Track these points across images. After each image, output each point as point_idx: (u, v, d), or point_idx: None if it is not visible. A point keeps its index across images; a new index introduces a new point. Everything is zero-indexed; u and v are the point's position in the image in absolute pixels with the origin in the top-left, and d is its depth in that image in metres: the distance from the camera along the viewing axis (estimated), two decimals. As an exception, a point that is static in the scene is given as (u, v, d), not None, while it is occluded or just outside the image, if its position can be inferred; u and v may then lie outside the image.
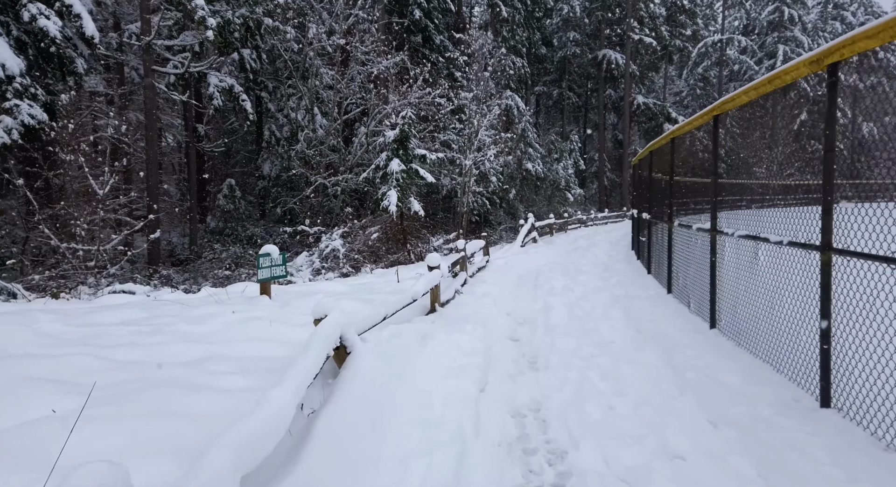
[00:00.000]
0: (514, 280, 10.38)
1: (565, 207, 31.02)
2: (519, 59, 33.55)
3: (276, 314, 5.66)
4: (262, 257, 6.22)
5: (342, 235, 16.29)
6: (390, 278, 12.15)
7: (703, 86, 46.96)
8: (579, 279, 10.26)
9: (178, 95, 18.12)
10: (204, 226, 22.99)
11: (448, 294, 7.71)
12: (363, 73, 21.98)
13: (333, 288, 8.24)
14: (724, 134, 6.18)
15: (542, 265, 12.50)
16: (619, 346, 5.92)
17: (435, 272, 6.76)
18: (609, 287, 9.25)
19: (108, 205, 13.68)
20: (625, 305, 7.74)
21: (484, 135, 19.51)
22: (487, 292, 8.61)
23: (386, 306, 5.43)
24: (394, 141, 15.58)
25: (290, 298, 6.74)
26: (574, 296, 8.51)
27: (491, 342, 6.03)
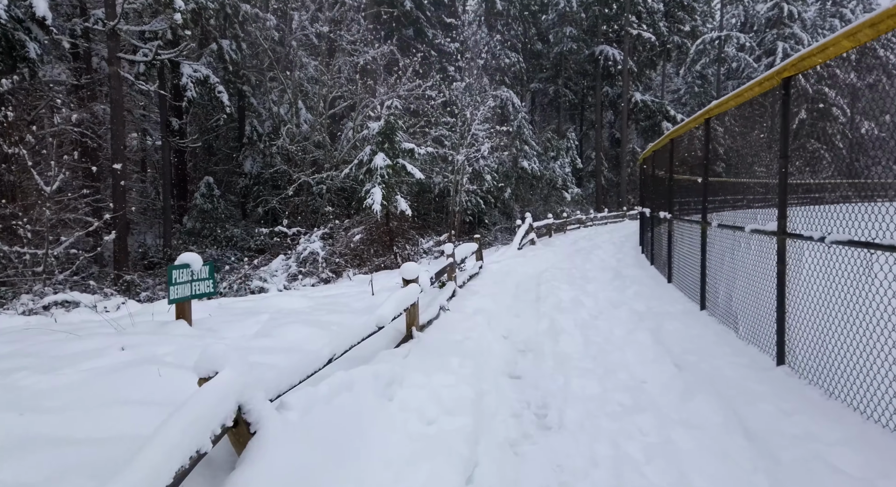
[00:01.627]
0: (512, 290, 8.72)
1: (562, 207, 29.40)
2: (514, 54, 31.95)
3: (186, 352, 3.99)
4: (177, 270, 4.55)
5: (322, 237, 14.61)
6: (376, 285, 10.50)
7: (701, 83, 45.49)
8: (588, 288, 8.60)
9: (146, 85, 16.39)
10: (180, 227, 21.25)
11: (431, 312, 6.05)
12: (350, 65, 20.29)
13: (290, 303, 6.57)
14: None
15: (543, 271, 10.85)
16: (657, 391, 4.28)
17: (411, 287, 5.10)
18: (626, 299, 7.60)
19: (59, 203, 11.96)
20: (651, 326, 6.09)
21: (477, 130, 17.86)
22: (480, 307, 6.95)
23: (342, 337, 3.78)
24: (378, 133, 13.91)
25: (222, 321, 5.07)
26: (586, 313, 6.85)
27: (484, 384, 4.37)
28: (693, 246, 7.23)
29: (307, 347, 4.38)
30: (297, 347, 4.33)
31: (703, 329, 5.88)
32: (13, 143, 11.63)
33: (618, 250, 14.31)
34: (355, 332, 3.98)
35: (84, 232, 12.45)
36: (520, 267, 11.42)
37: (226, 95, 18.59)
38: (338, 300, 7.25)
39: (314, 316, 5.58)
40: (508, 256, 13.02)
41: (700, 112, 6.68)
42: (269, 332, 4.64)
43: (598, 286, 8.82)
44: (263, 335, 4.59)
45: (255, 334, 4.65)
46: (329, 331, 4.86)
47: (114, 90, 15.93)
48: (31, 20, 13.63)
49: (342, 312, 5.89)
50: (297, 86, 20.61)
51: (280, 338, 4.52)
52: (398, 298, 4.69)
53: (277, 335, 4.59)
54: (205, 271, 4.82)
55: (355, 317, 5.30)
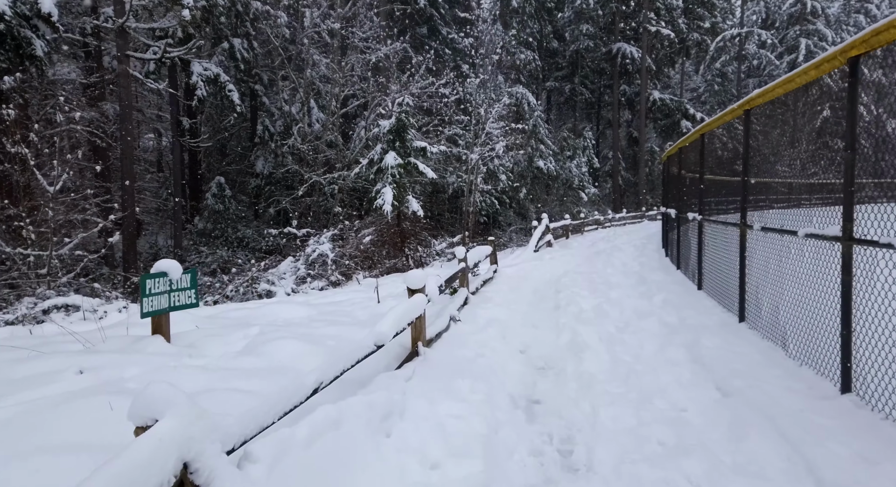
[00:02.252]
0: (529, 297, 8.08)
1: (578, 207, 28.63)
2: (530, 52, 31.23)
3: (155, 375, 3.43)
4: (151, 279, 3.99)
5: (332, 238, 14.07)
6: (384, 291, 9.93)
7: (720, 81, 44.36)
8: (611, 296, 7.94)
9: (154, 84, 16.01)
10: (192, 228, 20.89)
11: (440, 323, 5.44)
12: (362, 62, 19.76)
13: (289, 312, 6.00)
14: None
15: (562, 275, 10.19)
16: (702, 424, 3.63)
17: (416, 298, 4.49)
18: (654, 309, 6.92)
19: (65, 203, 11.56)
20: (686, 341, 5.42)
21: (492, 128, 17.22)
22: (494, 317, 6.33)
23: (334, 359, 3.20)
24: (389, 131, 13.34)
25: (206, 335, 4.50)
26: (612, 324, 6.19)
27: (498, 413, 3.75)
28: (729, 250, 6.53)
29: (298, 366, 3.80)
30: (285, 368, 3.75)
31: (745, 345, 5.19)
32: (16, 142, 11.23)
33: (640, 253, 13.59)
34: (349, 353, 3.39)
35: (88, 233, 12.06)
36: (537, 271, 10.77)
37: (236, 94, 18.17)
38: (341, 308, 6.67)
39: (311, 328, 5.00)
40: (524, 259, 12.37)
41: (740, 102, 6.00)
42: (256, 349, 4.07)
43: (622, 293, 8.15)
44: (249, 352, 4.02)
45: (240, 351, 4.09)
46: (324, 347, 4.28)
47: (123, 88, 15.57)
48: (38, 17, 13.27)
49: (342, 324, 5.30)
50: (308, 84, 20.13)
51: (267, 357, 3.95)
52: (400, 312, 4.09)
53: (265, 352, 4.02)
54: (185, 280, 4.26)
55: (354, 331, 4.71)
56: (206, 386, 3.31)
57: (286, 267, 13.42)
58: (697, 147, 8.34)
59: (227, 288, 12.04)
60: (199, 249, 19.00)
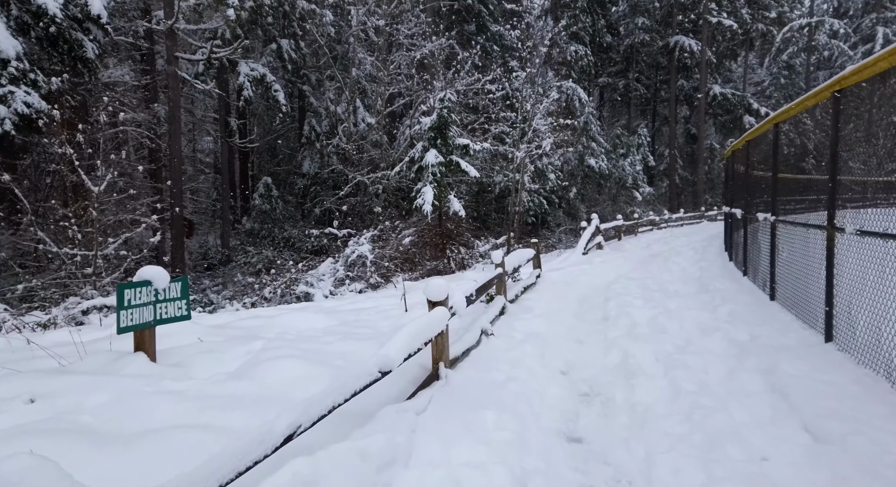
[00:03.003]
0: (574, 306, 7.27)
1: (632, 207, 27.25)
2: (581, 47, 30.01)
3: (123, 405, 2.90)
4: (131, 289, 3.47)
5: (372, 239, 13.60)
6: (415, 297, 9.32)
7: (787, 74, 41.66)
8: (669, 306, 7.03)
9: (201, 84, 16.00)
10: (240, 228, 20.98)
11: (469, 338, 4.75)
12: (407, 60, 19.27)
13: (306, 322, 5.46)
14: None
15: (612, 281, 9.29)
16: (791, 485, 2.81)
17: (436, 313, 3.82)
18: (720, 323, 5.99)
19: (117, 204, 11.55)
20: (761, 365, 4.52)
21: (539, 125, 16.35)
22: (533, 331, 5.58)
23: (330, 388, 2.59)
24: (430, 128, 12.73)
25: (202, 351, 3.97)
26: (670, 342, 5.33)
27: (528, 458, 3.03)
28: (812, 256, 5.55)
29: (290, 395, 3.20)
30: (274, 397, 3.16)
31: (836, 372, 4.25)
32: (63, 143, 11.27)
33: (700, 256, 12.45)
34: (343, 385, 2.76)
35: (132, 233, 12.02)
36: (584, 275, 9.90)
37: (282, 94, 18.02)
38: (365, 316, 6.09)
39: (322, 342, 4.41)
40: (571, 262, 11.50)
41: (827, 83, 5.03)
42: (251, 370, 3.51)
43: (681, 303, 7.22)
44: (241, 374, 3.46)
45: (232, 372, 3.53)
46: (329, 369, 3.67)
47: (172, 90, 15.62)
48: (87, 19, 13.39)
49: (359, 337, 4.69)
50: (354, 83, 19.82)
51: (259, 381, 3.37)
52: (414, 331, 3.43)
53: (259, 374, 3.44)
54: (175, 289, 3.74)
55: (370, 348, 4.08)
56: (175, 419, 2.75)
57: (325, 269, 13.04)
58: (769, 139, 7.31)
59: (264, 289, 11.73)
60: (245, 249, 19.00)
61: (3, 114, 11.74)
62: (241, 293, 12.99)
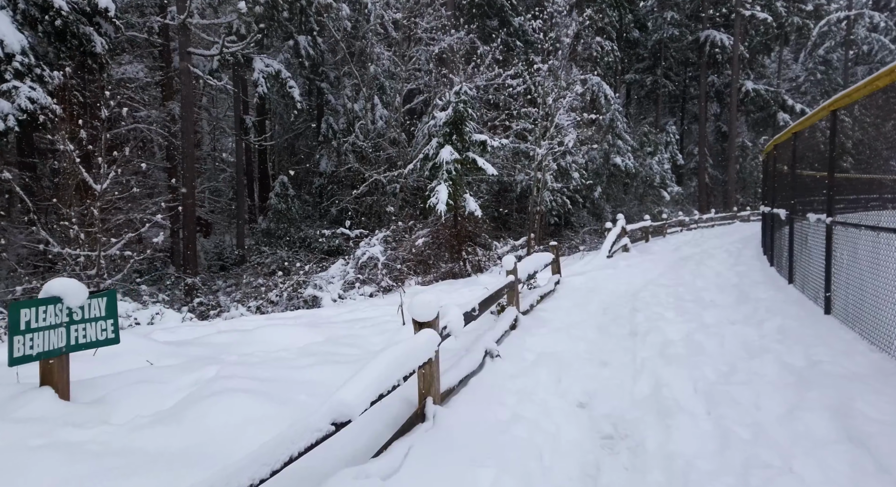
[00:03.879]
0: (597, 318, 6.41)
1: (660, 207, 26.07)
2: (608, 42, 28.85)
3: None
4: (31, 308, 2.74)
5: (385, 240, 12.89)
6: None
7: (824, 70, 39.71)
8: (706, 319, 6.12)
9: (215, 81, 15.52)
10: (256, 227, 20.53)
11: (470, 362, 3.96)
12: (426, 54, 18.53)
13: (286, 338, 4.73)
14: None
15: (640, 288, 8.38)
16: None
17: (422, 337, 3.04)
18: (768, 342, 5.09)
19: (108, 202, 11.07)
20: (829, 400, 3.63)
21: (563, 121, 15.43)
22: (548, 349, 4.76)
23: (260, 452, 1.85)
24: (445, 123, 11.95)
25: (136, 381, 3.22)
26: (710, 366, 4.45)
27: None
28: (886, 265, 4.60)
29: (227, 449, 2.47)
30: (203, 454, 2.42)
31: (929, 415, 3.35)
32: (65, 139, 10.81)
33: (735, 260, 11.42)
34: (283, 442, 2.00)
35: (136, 233, 11.53)
36: (609, 281, 9.01)
37: (297, 90, 17.46)
38: (359, 329, 5.34)
39: (292, 367, 3.66)
40: (595, 266, 10.60)
41: None
42: (189, 409, 2.78)
43: (720, 315, 6.30)
44: (174, 415, 2.73)
45: (165, 412, 2.80)
46: (288, 408, 2.92)
47: (185, 86, 15.16)
48: (95, 12, 12.96)
49: (341, 360, 3.93)
50: (371, 80, 19.17)
51: (193, 425, 2.64)
52: (388, 363, 2.66)
53: (196, 415, 2.71)
54: (98, 307, 3.03)
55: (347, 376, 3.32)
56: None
57: (336, 271, 12.38)
58: (819, 131, 6.34)
59: (271, 293, 11.11)
60: (260, 249, 18.50)
61: (6, 110, 11.37)
62: (250, 295, 12.41)
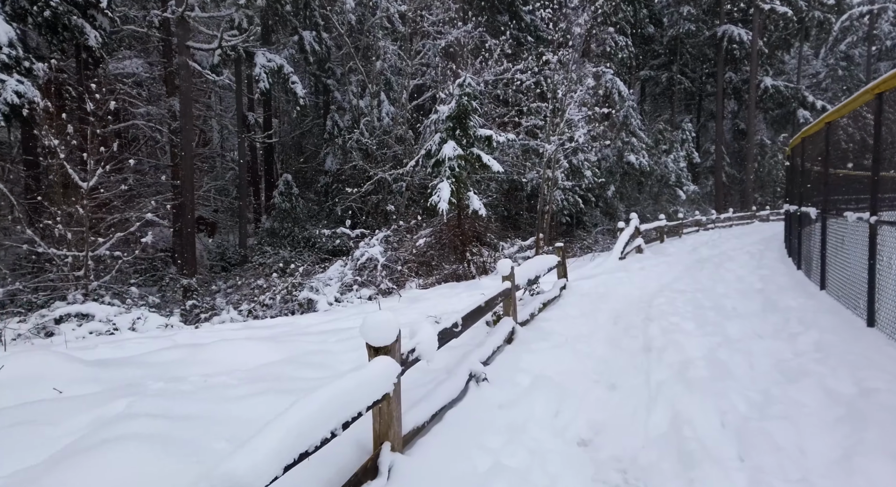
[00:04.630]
0: (607, 329, 5.67)
1: (675, 206, 25.11)
2: (622, 37, 27.93)
3: None
4: None
5: (385, 240, 12.23)
6: (422, 306, 7.88)
7: (846, 66, 38.34)
8: (729, 331, 5.36)
9: (213, 76, 14.98)
10: (261, 227, 20.00)
11: (445, 392, 3.24)
12: (433, 48, 17.86)
13: (240, 355, 4.04)
14: None
15: (655, 293, 7.62)
16: None
17: (377, 366, 2.34)
18: (806, 361, 4.31)
19: (94, 200, 10.53)
20: (892, 443, 2.89)
21: (574, 116, 14.65)
22: (546, 369, 4.04)
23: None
24: (448, 117, 11.25)
25: (14, 422, 2.59)
26: (740, 394, 3.70)
27: None
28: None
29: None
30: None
31: None
32: (49, 134, 10.29)
33: (757, 262, 10.57)
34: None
35: (126, 232, 10.98)
36: (621, 285, 8.25)
37: (299, 86, 16.86)
38: (332, 344, 4.66)
39: (226, 398, 2.98)
40: (606, 269, 9.83)
41: None
42: (57, 466, 2.10)
43: (745, 326, 5.53)
44: (31, 481, 2.07)
45: (27, 471, 2.15)
46: (199, 461, 2.25)
47: (183, 81, 14.63)
48: (88, 4, 12.45)
49: (292, 390, 3.24)
50: (377, 75, 18.54)
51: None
52: (322, 405, 1.97)
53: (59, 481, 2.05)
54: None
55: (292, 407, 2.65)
56: None
57: (334, 273, 11.74)
58: (863, 118, 5.54)
59: (263, 295, 10.50)
60: (263, 249, 17.96)
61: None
62: (248, 297, 11.81)
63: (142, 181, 15.85)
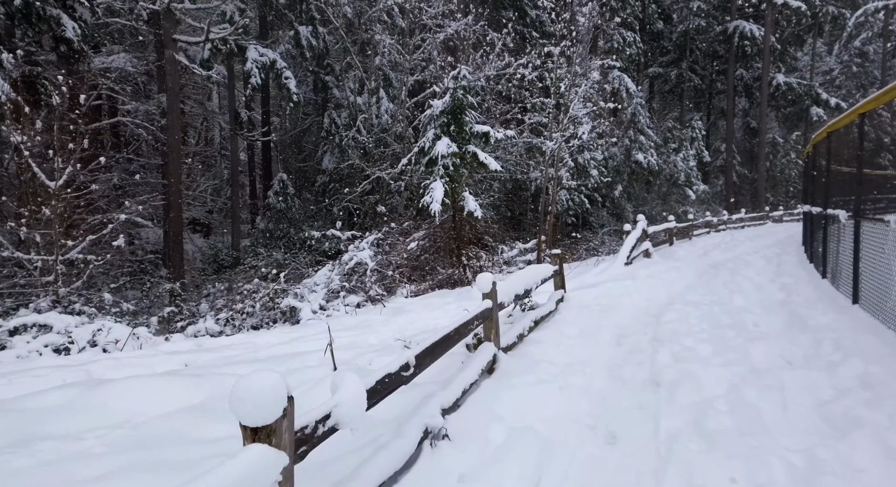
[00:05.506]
0: (607, 352, 4.81)
1: (685, 207, 24.07)
2: (630, 34, 26.93)
3: None
4: None
5: (377, 243, 11.43)
6: (402, 320, 7.07)
7: (860, 62, 37.01)
8: (754, 357, 4.48)
9: (201, 70, 14.22)
10: (256, 228, 19.28)
11: (382, 467, 2.41)
12: (433, 42, 17.02)
13: (143, 400, 3.18)
14: None
15: (664, 305, 6.74)
16: None
17: (248, 457, 1.55)
18: (853, 403, 3.44)
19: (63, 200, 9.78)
20: None
21: (578, 111, 13.77)
22: (527, 417, 3.19)
23: None
24: (442, 112, 10.41)
25: None
26: (778, 456, 2.84)
27: None
28: None
29: None
30: None
31: None
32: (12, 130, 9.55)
33: (776, 268, 9.64)
34: None
35: (98, 235, 10.22)
36: (626, 296, 7.37)
37: (293, 81, 16.07)
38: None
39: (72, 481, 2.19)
40: (611, 276, 8.96)
41: None
42: None
43: (772, 351, 4.65)
44: None
45: None
46: None
47: (169, 76, 13.89)
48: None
49: (171, 464, 2.43)
50: (375, 70, 17.74)
51: None
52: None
53: None
54: None
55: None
56: None
57: (321, 278, 10.95)
58: None
59: (240, 304, 9.73)
60: (256, 251, 17.21)
61: (-41, 98, 10.23)
62: (228, 304, 11.04)
63: (129, 180, 15.15)
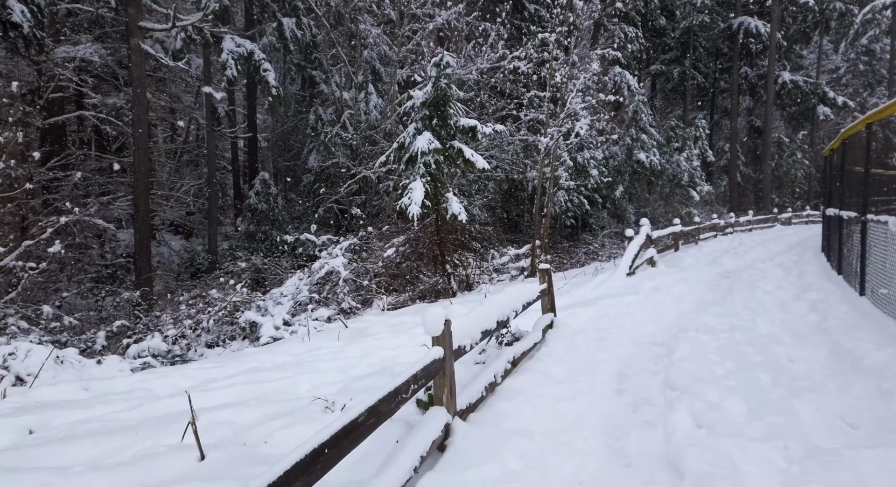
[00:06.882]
0: (604, 406, 3.58)
1: (688, 208, 22.82)
2: (632, 29, 25.67)
3: None
4: None
5: (351, 249, 10.22)
6: (358, 348, 5.87)
7: (867, 60, 35.64)
8: (804, 421, 3.26)
9: (169, 60, 13.04)
10: (236, 229, 18.10)
11: None
12: (423, 33, 15.82)
13: None
14: None
15: (675, 331, 5.52)
16: None
17: None
18: None
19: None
20: None
21: (576, 106, 12.55)
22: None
23: None
24: (424, 104, 9.19)
25: None
26: None
27: None
28: None
29: None
30: None
31: None
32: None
33: (798, 280, 8.39)
34: None
35: (35, 241, 9.04)
36: (628, 316, 6.14)
37: (272, 74, 14.86)
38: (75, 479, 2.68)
39: None
40: (611, 289, 7.72)
41: None
42: None
43: (827, 411, 3.43)
44: None
45: None
46: None
47: (135, 66, 12.70)
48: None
49: None
50: (363, 63, 16.53)
51: None
52: None
53: None
54: None
55: None
56: None
57: (290, 288, 9.75)
58: None
59: (191, 318, 8.52)
60: (234, 254, 16.01)
61: None
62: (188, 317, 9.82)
63: (92, 180, 13.99)
